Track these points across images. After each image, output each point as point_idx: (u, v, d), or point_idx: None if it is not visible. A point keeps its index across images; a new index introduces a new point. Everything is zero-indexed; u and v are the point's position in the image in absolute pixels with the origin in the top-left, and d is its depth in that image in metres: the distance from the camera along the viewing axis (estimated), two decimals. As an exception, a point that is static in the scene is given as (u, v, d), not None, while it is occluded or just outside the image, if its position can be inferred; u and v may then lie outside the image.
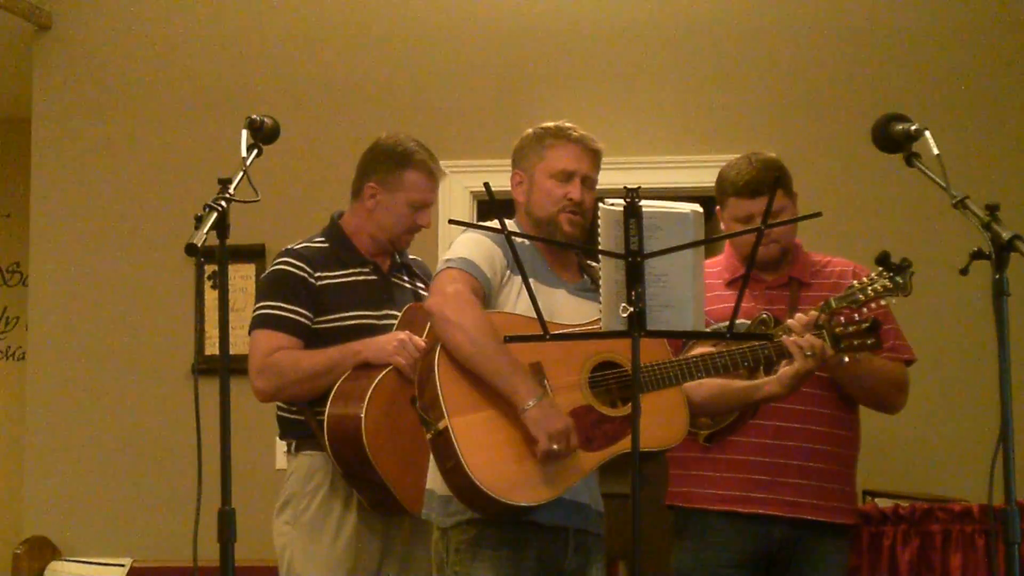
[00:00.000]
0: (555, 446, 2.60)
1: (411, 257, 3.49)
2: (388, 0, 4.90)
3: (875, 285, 2.93)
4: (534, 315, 2.55)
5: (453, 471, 2.62)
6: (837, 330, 2.86)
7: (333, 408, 3.10)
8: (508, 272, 2.81)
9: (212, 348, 4.70)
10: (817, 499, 3.11)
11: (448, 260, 2.81)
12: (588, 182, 2.91)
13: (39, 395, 4.92)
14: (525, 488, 2.63)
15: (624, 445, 2.73)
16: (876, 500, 3.91)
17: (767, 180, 3.09)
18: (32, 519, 4.81)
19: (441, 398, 2.63)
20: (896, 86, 4.62)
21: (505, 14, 4.83)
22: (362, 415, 3.04)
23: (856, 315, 2.89)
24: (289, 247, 3.32)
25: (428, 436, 2.66)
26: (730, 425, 3.08)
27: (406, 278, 3.41)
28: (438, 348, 2.68)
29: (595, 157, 2.94)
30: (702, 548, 3.14)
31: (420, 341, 3.08)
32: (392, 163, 3.30)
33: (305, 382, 3.16)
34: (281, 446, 4.59)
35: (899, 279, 2.91)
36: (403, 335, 3.13)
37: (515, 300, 2.79)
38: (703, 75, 4.74)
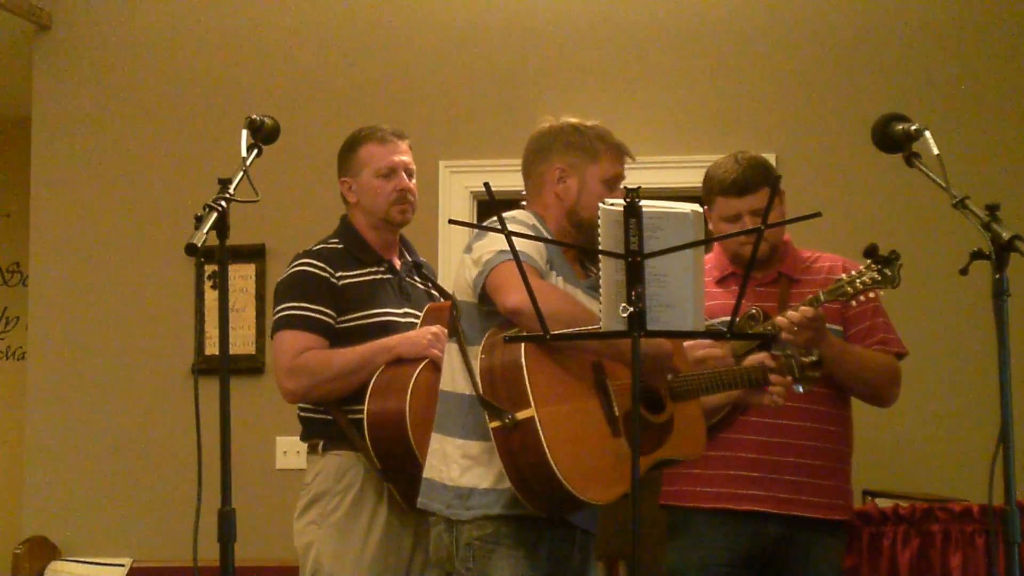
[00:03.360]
0: (669, 377, 2.73)
1: (420, 259, 3.52)
2: (388, 0, 4.91)
3: (863, 278, 2.95)
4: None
5: (530, 461, 2.57)
6: (804, 360, 2.94)
7: (373, 404, 3.09)
8: (548, 266, 2.80)
9: (212, 348, 4.70)
10: (811, 496, 3.11)
11: (502, 251, 2.67)
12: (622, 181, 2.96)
13: (39, 395, 4.92)
14: (599, 485, 2.62)
15: (664, 452, 2.77)
16: (876, 500, 3.91)
17: (754, 178, 3.12)
18: (32, 519, 4.81)
19: (528, 388, 2.57)
20: (896, 86, 4.62)
21: (505, 14, 4.83)
22: (406, 408, 3.03)
23: (799, 351, 2.96)
24: (306, 249, 3.32)
25: (496, 425, 2.60)
26: (719, 422, 3.08)
27: (418, 279, 3.43)
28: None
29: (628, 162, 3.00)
30: (697, 547, 3.13)
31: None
32: (346, 151, 3.40)
33: (337, 380, 3.15)
34: (281, 446, 4.63)
35: (887, 271, 2.93)
36: (435, 328, 3.14)
37: None
38: (703, 75, 4.74)
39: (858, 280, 2.95)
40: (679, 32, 4.76)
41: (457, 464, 2.75)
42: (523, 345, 2.61)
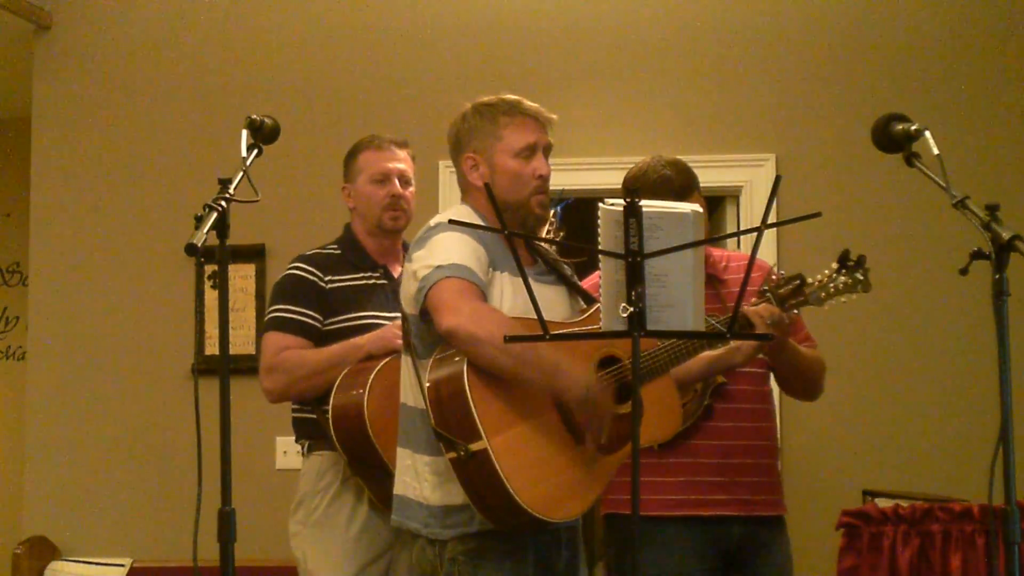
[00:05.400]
0: (603, 439, 2.60)
1: None
2: (388, 0, 4.91)
3: (836, 283, 2.96)
4: (523, 315, 2.56)
5: (490, 491, 2.52)
6: (780, 291, 2.96)
7: (336, 398, 3.15)
8: (491, 270, 2.71)
9: (212, 348, 4.70)
10: (766, 494, 3.14)
11: (439, 267, 2.61)
12: (547, 151, 2.85)
13: (39, 395, 4.92)
14: (564, 502, 2.60)
15: None
16: (876, 500, 3.91)
17: (687, 182, 3.12)
18: (32, 519, 4.82)
19: (477, 419, 2.50)
20: (896, 86, 4.62)
21: (505, 14, 4.83)
22: (364, 400, 3.08)
23: (783, 272, 2.98)
24: (302, 253, 3.39)
25: (452, 456, 2.55)
26: (686, 429, 3.07)
27: None
28: (464, 367, 2.55)
29: (549, 125, 2.86)
30: (666, 556, 3.08)
31: None
32: (348, 158, 3.48)
33: (311, 378, 3.22)
34: (281, 446, 4.64)
35: (858, 275, 2.95)
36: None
37: (499, 299, 2.69)
38: (703, 75, 4.74)
39: (831, 284, 2.98)
40: (679, 32, 4.76)
41: (428, 481, 2.69)
42: (466, 371, 2.53)
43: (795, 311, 2.98)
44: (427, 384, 2.62)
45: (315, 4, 4.94)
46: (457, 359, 2.57)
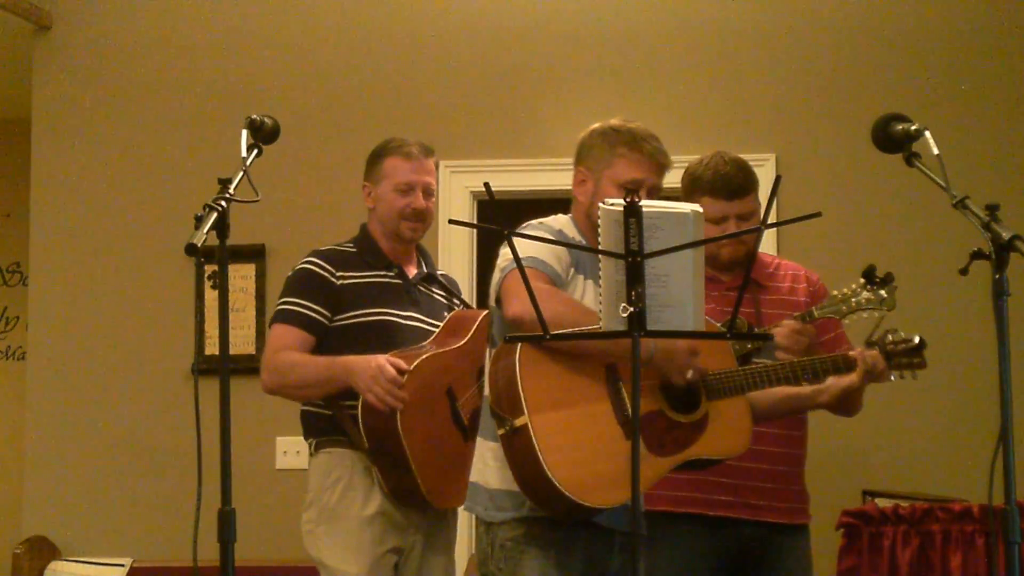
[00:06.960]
0: (689, 374, 2.68)
1: (440, 272, 3.58)
2: (389, 1, 4.91)
3: (859, 297, 2.95)
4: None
5: (528, 467, 2.61)
6: (889, 348, 2.91)
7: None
8: (572, 270, 2.81)
9: (212, 348, 4.70)
10: (778, 502, 3.13)
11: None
12: (654, 192, 2.88)
13: (39, 395, 4.92)
14: (600, 490, 2.63)
15: (693, 451, 2.76)
16: (876, 500, 3.91)
17: (745, 182, 3.12)
18: (32, 519, 4.81)
19: (522, 395, 2.61)
20: (896, 86, 4.62)
21: (505, 14, 4.83)
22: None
23: (902, 332, 2.92)
24: (317, 249, 3.41)
25: (501, 432, 2.66)
26: None
27: (436, 289, 3.49)
28: (519, 346, 2.65)
29: (664, 170, 2.92)
30: (675, 554, 3.09)
31: (391, 371, 3.08)
32: (374, 158, 3.45)
33: (301, 388, 3.26)
34: (281, 446, 4.64)
35: (883, 292, 2.94)
36: (382, 360, 3.11)
37: (579, 298, 2.79)
38: (703, 75, 4.74)
39: (853, 299, 2.97)
40: (679, 32, 4.76)
41: (490, 467, 2.79)
42: (519, 352, 2.64)
43: (910, 372, 2.92)
44: (489, 362, 2.76)
45: (315, 4, 4.93)
46: (513, 346, 2.67)
